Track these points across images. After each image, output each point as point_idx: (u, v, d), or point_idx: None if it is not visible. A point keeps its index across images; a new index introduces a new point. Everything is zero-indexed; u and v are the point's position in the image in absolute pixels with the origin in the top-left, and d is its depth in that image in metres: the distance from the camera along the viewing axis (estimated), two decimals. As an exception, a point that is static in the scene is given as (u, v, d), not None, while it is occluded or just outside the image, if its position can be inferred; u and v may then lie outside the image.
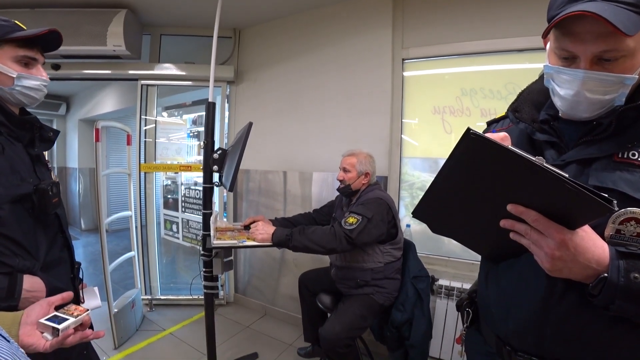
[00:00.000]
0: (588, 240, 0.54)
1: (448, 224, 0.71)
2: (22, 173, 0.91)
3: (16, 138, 0.93)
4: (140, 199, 3.01)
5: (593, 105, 0.61)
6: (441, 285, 2.07)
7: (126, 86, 3.98)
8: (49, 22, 2.39)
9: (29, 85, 0.93)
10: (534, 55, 1.93)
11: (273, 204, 2.90)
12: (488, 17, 2.03)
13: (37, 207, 0.91)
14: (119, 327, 2.34)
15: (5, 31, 0.89)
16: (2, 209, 0.84)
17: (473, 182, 0.56)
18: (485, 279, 0.81)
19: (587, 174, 0.63)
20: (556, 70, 0.64)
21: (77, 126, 5.60)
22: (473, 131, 0.48)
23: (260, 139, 2.84)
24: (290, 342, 2.49)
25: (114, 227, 4.86)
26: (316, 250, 1.68)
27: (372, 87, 2.37)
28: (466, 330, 0.89)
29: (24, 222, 0.89)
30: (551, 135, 0.70)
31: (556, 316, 0.65)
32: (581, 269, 0.55)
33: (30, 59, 0.94)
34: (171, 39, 3.05)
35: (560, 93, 0.64)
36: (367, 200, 1.80)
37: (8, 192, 0.85)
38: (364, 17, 2.39)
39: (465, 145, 0.49)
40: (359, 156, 1.90)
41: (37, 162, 0.99)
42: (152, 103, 3.02)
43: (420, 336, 1.77)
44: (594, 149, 0.64)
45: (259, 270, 3.05)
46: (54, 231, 1.01)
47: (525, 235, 0.56)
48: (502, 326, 0.75)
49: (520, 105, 0.77)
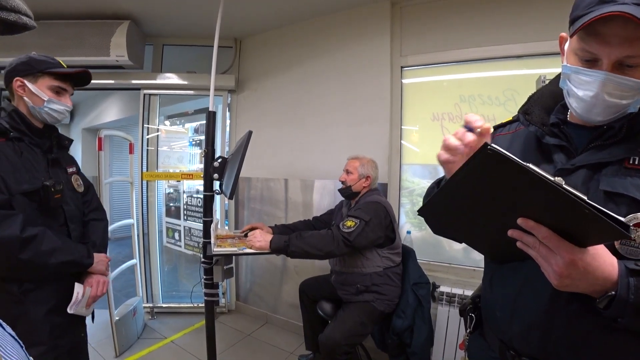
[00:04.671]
0: (598, 258, 0.53)
1: (453, 226, 0.72)
2: (36, 173, 1.11)
3: (36, 145, 1.17)
4: (142, 207, 3.02)
5: (609, 109, 0.61)
6: (442, 292, 2.06)
7: (129, 95, 4.02)
8: (54, 34, 2.45)
9: (55, 108, 1.18)
10: (532, 62, 1.95)
11: (274, 212, 2.90)
12: (486, 24, 2.06)
13: (42, 200, 1.10)
14: (120, 335, 2.33)
15: (47, 66, 1.16)
16: (14, 197, 1.04)
17: (484, 192, 0.56)
18: (490, 283, 0.81)
19: (597, 179, 0.63)
20: (575, 70, 0.63)
21: (80, 135, 5.66)
22: (491, 147, 0.47)
23: (261, 147, 2.86)
24: (291, 350, 2.48)
25: (116, 235, 4.84)
26: (314, 255, 1.68)
27: (371, 95, 2.40)
28: (469, 335, 0.88)
29: (31, 212, 1.08)
30: (561, 139, 0.70)
31: (561, 320, 0.65)
32: (589, 285, 0.55)
33: (61, 89, 1.20)
34: (173, 49, 3.10)
35: (578, 94, 0.64)
36: (366, 203, 1.82)
37: (19, 186, 1.06)
38: (363, 26, 2.43)
39: (481, 159, 0.49)
40: (362, 160, 1.95)
41: (53, 165, 1.21)
42: (154, 112, 3.05)
43: (422, 343, 1.77)
44: (605, 154, 0.64)
45: (260, 277, 3.05)
46: (59, 223, 1.19)
47: (533, 249, 0.55)
48: (507, 330, 0.74)
49: (530, 107, 0.78)
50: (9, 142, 1.09)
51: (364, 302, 1.80)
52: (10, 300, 1.06)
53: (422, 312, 1.80)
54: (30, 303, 1.08)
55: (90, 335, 2.38)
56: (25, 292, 1.08)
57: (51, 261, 1.07)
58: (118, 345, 2.30)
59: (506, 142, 0.80)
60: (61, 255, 1.10)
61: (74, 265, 1.17)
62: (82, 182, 1.36)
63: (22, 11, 0.40)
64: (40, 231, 1.07)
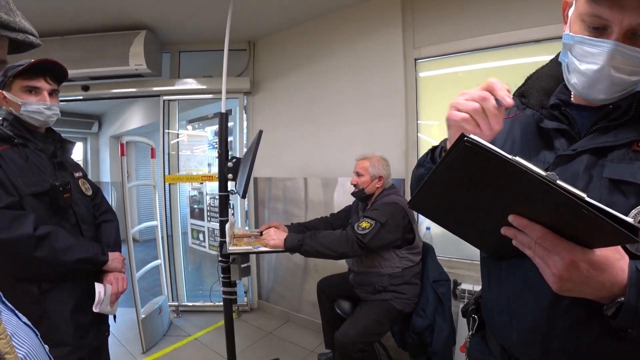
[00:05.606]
0: (604, 260, 0.46)
1: (445, 219, 0.66)
2: (43, 175, 1.13)
3: (41, 150, 1.19)
4: (165, 209, 3.13)
5: (614, 86, 0.54)
6: (464, 289, 2.00)
7: (150, 102, 4.18)
8: (77, 48, 2.58)
9: (31, 109, 1.14)
10: (551, 46, 1.85)
11: (294, 211, 2.92)
12: (500, 9, 1.96)
13: (52, 201, 1.12)
14: (147, 332, 2.43)
15: (14, 69, 1.12)
16: (23, 199, 1.06)
17: (470, 186, 0.49)
18: (488, 283, 0.75)
19: (601, 164, 0.56)
20: (579, 40, 0.55)
21: (108, 142, 5.94)
22: (468, 138, 0.41)
23: (279, 146, 2.89)
24: (311, 348, 2.48)
25: (143, 237, 5.09)
26: (328, 255, 1.67)
27: (385, 89, 2.36)
28: (471, 338, 0.83)
29: (42, 213, 1.10)
30: (561, 122, 0.63)
31: (563, 327, 0.58)
32: (594, 290, 0.48)
33: (34, 87, 1.15)
34: (189, 55, 3.18)
35: (579, 68, 0.56)
36: (383, 204, 1.77)
37: (29, 189, 1.07)
38: (374, 20, 2.39)
39: (459, 152, 0.43)
40: (371, 160, 1.89)
41: (59, 168, 1.22)
42: (174, 117, 3.15)
43: (443, 342, 1.71)
44: (610, 137, 0.56)
45: (282, 277, 3.08)
46: (71, 223, 1.20)
47: (529, 249, 0.48)
48: (506, 335, 0.69)
49: (527, 90, 0.70)
50: (14, 148, 1.10)
51: (382, 300, 1.77)
52: (29, 301, 1.06)
53: (443, 311, 1.75)
54: (49, 303, 1.08)
55: (118, 332, 2.53)
56: (44, 292, 1.08)
57: (66, 258, 1.08)
58: (145, 342, 2.40)
59: (506, 127, 0.70)
60: (76, 252, 1.11)
61: (89, 263, 1.17)
62: (89, 186, 1.37)
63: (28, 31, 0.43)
64: (54, 229, 1.08)
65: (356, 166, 1.92)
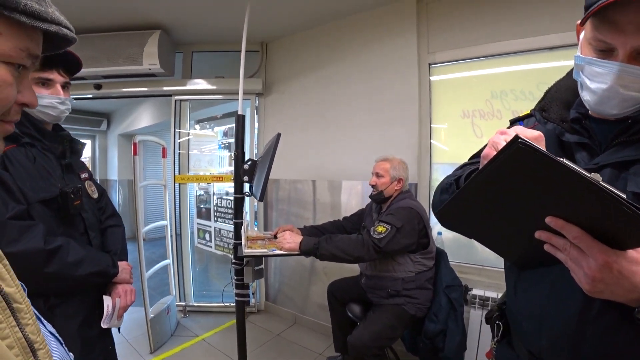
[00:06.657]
0: (636, 263, 0.47)
1: (474, 226, 0.67)
2: (51, 179, 1.04)
3: (49, 150, 1.08)
4: (175, 209, 3.14)
5: (625, 102, 0.57)
6: (475, 295, 1.99)
7: (161, 102, 4.20)
8: (92, 47, 2.59)
9: (44, 103, 1.04)
10: (567, 53, 1.84)
11: (302, 213, 2.92)
12: (516, 15, 1.97)
13: (61, 208, 1.03)
14: (155, 332, 2.43)
15: None
16: (32, 206, 0.97)
17: (511, 189, 0.52)
18: (514, 290, 0.76)
19: (624, 178, 0.58)
20: (588, 61, 0.59)
21: (117, 141, 5.96)
22: (522, 140, 0.44)
23: (289, 148, 2.89)
24: (320, 351, 2.48)
25: (150, 235, 5.08)
26: (343, 259, 1.67)
27: (399, 94, 2.36)
28: (496, 344, 0.84)
29: (50, 221, 1.01)
30: (582, 136, 0.65)
31: (594, 333, 0.59)
32: (625, 292, 0.49)
33: (47, 79, 1.05)
34: (202, 55, 3.20)
35: (590, 87, 0.59)
36: (398, 209, 1.77)
37: (36, 195, 0.98)
38: (389, 24, 2.40)
39: (511, 153, 0.46)
40: (392, 162, 1.88)
41: (67, 171, 1.12)
42: (185, 117, 3.17)
43: (455, 348, 1.71)
44: (631, 151, 0.58)
45: (289, 278, 3.08)
46: (79, 231, 1.13)
47: (563, 251, 0.50)
48: (535, 342, 0.69)
49: (547, 104, 0.72)
50: (20, 147, 1.00)
51: (395, 305, 1.77)
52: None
53: (455, 316, 1.74)
54: (57, 318, 1.00)
55: (126, 332, 2.54)
56: (52, 308, 1.01)
57: (78, 273, 1.01)
58: (153, 341, 2.40)
59: None
60: (88, 266, 1.04)
61: (100, 276, 1.11)
62: (95, 189, 1.28)
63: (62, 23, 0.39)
64: (64, 242, 1.00)
65: (376, 167, 1.91)
